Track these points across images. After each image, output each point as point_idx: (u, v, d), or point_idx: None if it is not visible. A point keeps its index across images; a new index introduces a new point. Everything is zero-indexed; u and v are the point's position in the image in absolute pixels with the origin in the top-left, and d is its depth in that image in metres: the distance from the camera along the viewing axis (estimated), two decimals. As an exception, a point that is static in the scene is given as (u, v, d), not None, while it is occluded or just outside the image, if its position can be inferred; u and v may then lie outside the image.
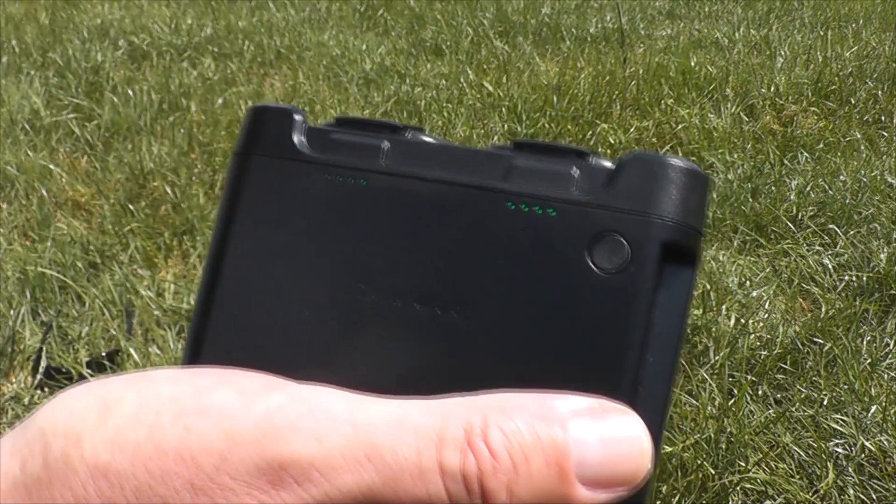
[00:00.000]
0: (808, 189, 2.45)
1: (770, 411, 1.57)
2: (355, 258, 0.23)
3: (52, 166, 2.69)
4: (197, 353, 0.24)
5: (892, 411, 1.54)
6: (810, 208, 2.34)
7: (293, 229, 0.24)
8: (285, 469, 0.19)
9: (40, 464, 0.20)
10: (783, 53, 3.90)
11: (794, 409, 1.56)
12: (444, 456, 0.19)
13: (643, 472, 0.20)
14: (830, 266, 2.07)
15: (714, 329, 1.79)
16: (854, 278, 2.01)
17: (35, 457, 0.20)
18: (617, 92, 3.26)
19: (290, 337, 0.23)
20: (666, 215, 0.22)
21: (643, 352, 0.21)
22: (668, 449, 1.39)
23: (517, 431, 0.19)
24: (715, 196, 2.43)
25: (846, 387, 1.61)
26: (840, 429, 1.50)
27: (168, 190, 2.50)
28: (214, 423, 0.19)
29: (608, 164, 0.22)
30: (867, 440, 1.46)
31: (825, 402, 1.57)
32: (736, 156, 2.76)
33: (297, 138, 0.24)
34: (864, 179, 2.48)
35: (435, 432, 0.19)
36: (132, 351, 1.77)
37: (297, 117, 0.25)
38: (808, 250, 2.15)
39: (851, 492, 1.37)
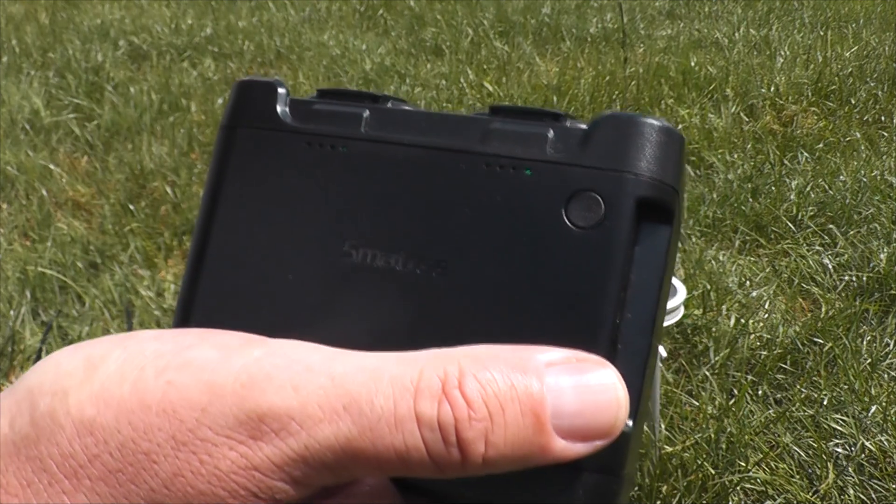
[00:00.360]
0: (808, 189, 2.45)
1: (770, 411, 1.57)
2: (338, 223, 0.24)
3: (52, 166, 2.69)
4: (186, 319, 0.25)
5: (892, 411, 1.54)
6: (810, 208, 2.34)
7: (278, 197, 0.24)
8: (264, 421, 0.19)
9: (28, 421, 0.20)
10: (783, 53, 3.90)
11: (794, 409, 1.56)
12: (421, 405, 0.19)
13: (619, 423, 0.20)
14: (830, 266, 2.07)
15: (714, 329, 1.79)
16: (854, 278, 2.01)
17: (23, 414, 0.20)
18: (617, 92, 3.26)
19: (275, 300, 0.24)
20: (640, 172, 0.22)
21: (621, 308, 0.21)
22: (669, 449, 1.39)
23: (493, 381, 0.19)
24: (715, 196, 2.43)
25: (846, 387, 1.61)
26: (840, 429, 1.50)
27: (168, 190, 2.50)
28: (195, 376, 0.20)
29: (583, 125, 0.23)
30: (867, 440, 1.46)
31: (825, 402, 1.57)
32: (736, 156, 2.76)
33: (281, 110, 0.25)
34: (864, 179, 2.48)
35: (411, 382, 0.19)
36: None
37: (281, 90, 0.25)
38: (808, 250, 2.15)
39: (851, 492, 1.37)
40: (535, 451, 0.19)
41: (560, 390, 0.20)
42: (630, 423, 0.21)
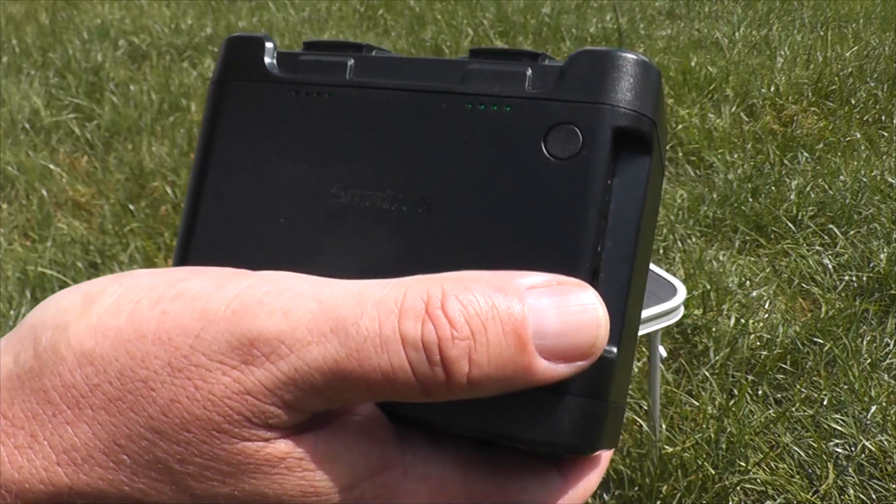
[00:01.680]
0: (808, 189, 2.45)
1: (770, 411, 1.57)
2: (326, 165, 0.24)
3: (52, 166, 2.69)
4: (183, 261, 0.26)
5: (892, 411, 1.54)
6: (810, 208, 2.34)
7: (268, 144, 0.25)
8: (255, 345, 0.19)
9: (31, 355, 0.21)
10: (783, 53, 3.90)
11: (794, 409, 1.56)
12: (405, 326, 0.19)
13: (600, 342, 0.20)
14: (830, 266, 2.07)
15: (714, 329, 1.79)
16: (854, 278, 2.01)
17: (26, 349, 0.21)
18: (617, 92, 3.26)
19: (268, 240, 0.25)
20: (616, 103, 0.22)
21: (602, 236, 0.22)
22: (669, 449, 1.39)
23: (475, 301, 0.19)
24: (715, 196, 2.43)
25: (846, 387, 1.61)
26: (840, 429, 1.50)
27: (168, 190, 2.50)
28: (188, 305, 0.20)
29: (560, 63, 0.23)
30: (867, 440, 1.46)
31: (825, 402, 1.57)
32: (736, 156, 2.76)
33: (269, 62, 0.26)
34: (864, 179, 2.48)
35: (395, 304, 0.19)
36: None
37: (268, 44, 0.26)
38: (808, 250, 2.15)
39: (851, 492, 1.37)
40: (518, 372, 0.20)
41: (541, 311, 0.20)
42: (614, 349, 0.21)
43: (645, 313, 1.12)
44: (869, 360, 1.69)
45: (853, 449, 1.46)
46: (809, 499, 1.36)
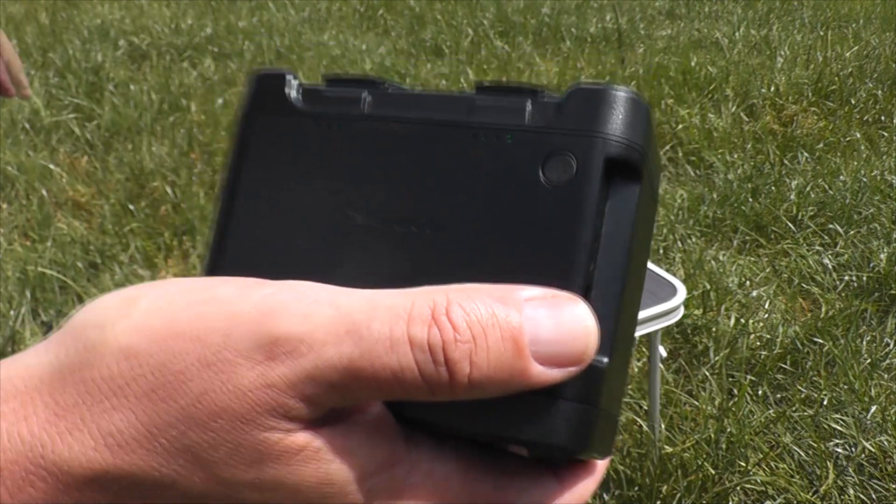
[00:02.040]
0: (808, 189, 2.45)
1: (770, 411, 1.57)
2: (343, 190, 0.27)
3: (52, 166, 2.69)
4: (213, 272, 0.28)
5: (892, 411, 1.54)
6: (810, 208, 2.34)
7: (291, 172, 0.28)
8: (278, 344, 0.22)
9: (75, 351, 0.23)
10: (783, 53, 3.90)
11: (794, 409, 1.56)
12: (413, 329, 0.21)
13: (590, 350, 0.22)
14: (830, 266, 2.07)
15: (714, 329, 1.79)
16: (854, 278, 2.01)
17: (71, 346, 0.23)
18: (617, 92, 3.26)
19: (290, 256, 0.27)
20: (608, 134, 0.24)
21: (594, 255, 0.24)
22: (669, 449, 1.39)
23: (476, 309, 0.22)
24: (715, 196, 2.43)
25: (846, 387, 1.61)
26: (840, 429, 1.50)
27: (168, 190, 2.50)
28: (219, 307, 0.23)
29: (558, 97, 0.25)
30: (867, 440, 1.46)
31: (825, 402, 1.57)
32: (736, 156, 2.76)
33: (292, 96, 0.28)
34: (864, 179, 2.48)
35: (405, 310, 0.22)
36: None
37: (292, 79, 0.29)
38: (808, 250, 2.15)
39: (851, 492, 1.37)
40: (514, 374, 0.22)
41: (537, 321, 0.22)
42: (605, 359, 0.23)
43: (645, 313, 1.12)
44: (869, 360, 1.69)
45: (853, 449, 1.46)
46: (809, 499, 1.36)
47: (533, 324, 0.22)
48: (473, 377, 0.21)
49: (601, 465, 0.27)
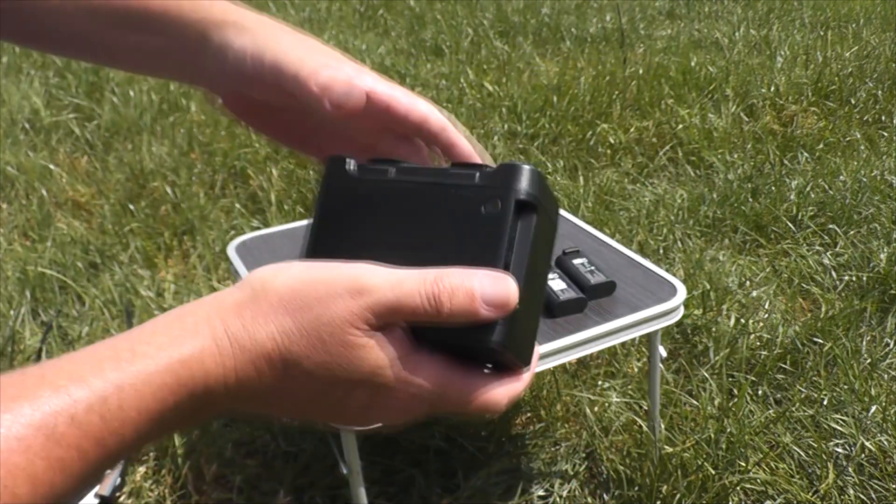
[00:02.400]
0: (808, 189, 2.45)
1: (770, 411, 1.57)
2: (378, 218, 0.48)
3: (52, 166, 2.69)
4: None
5: (892, 411, 1.54)
6: (810, 208, 2.34)
7: (349, 219, 0.49)
8: (359, 290, 0.41)
9: (249, 293, 0.42)
10: (783, 53, 3.90)
11: (794, 409, 1.56)
12: (423, 288, 0.42)
13: (512, 301, 0.42)
14: (830, 266, 2.07)
15: (714, 329, 1.79)
16: (854, 278, 2.01)
17: (244, 290, 0.42)
18: (617, 92, 3.26)
19: (352, 255, 0.46)
20: (517, 188, 0.44)
21: (510, 251, 0.44)
22: (669, 449, 1.39)
23: (453, 279, 0.42)
24: (715, 196, 2.43)
25: (846, 387, 1.61)
26: (840, 429, 1.50)
27: (168, 190, 2.50)
28: (329, 271, 0.43)
29: (495, 167, 0.46)
30: (867, 440, 1.46)
31: (825, 402, 1.57)
32: (736, 156, 2.76)
33: (351, 171, 0.50)
34: (864, 179, 2.48)
35: (421, 278, 0.42)
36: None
37: (351, 161, 0.50)
38: (808, 250, 2.15)
39: (851, 492, 1.37)
40: (472, 313, 0.42)
41: (483, 285, 0.42)
42: (518, 306, 0.43)
43: (645, 313, 1.12)
44: (869, 360, 1.69)
45: (853, 449, 1.46)
46: (809, 499, 1.36)
47: (481, 287, 0.42)
48: (451, 313, 0.42)
49: (527, 375, 0.47)
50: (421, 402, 0.44)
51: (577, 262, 1.19)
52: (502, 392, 0.46)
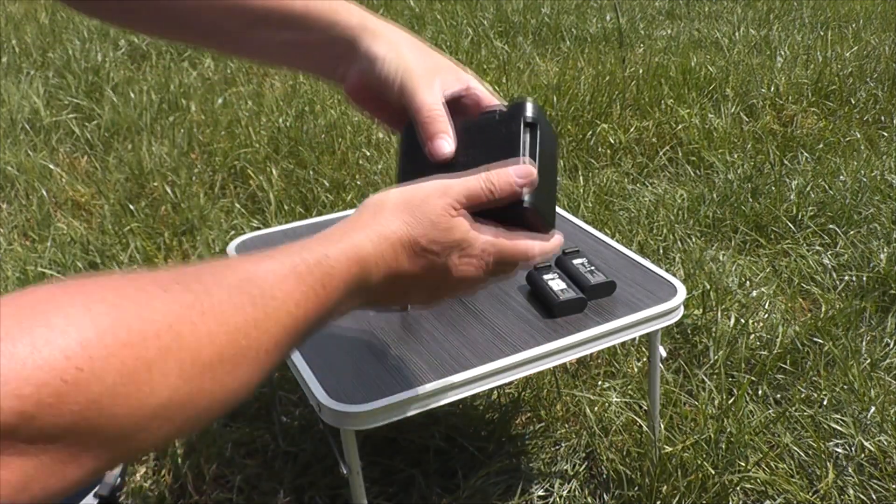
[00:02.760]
0: (808, 189, 2.45)
1: (770, 411, 1.57)
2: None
3: (52, 166, 2.69)
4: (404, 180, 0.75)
5: (891, 411, 1.54)
6: (810, 208, 2.34)
7: (421, 156, 0.76)
8: (445, 189, 0.69)
9: (372, 209, 0.67)
10: (783, 53, 3.90)
11: (793, 409, 1.56)
12: (481, 183, 0.69)
13: (533, 174, 0.71)
14: (830, 266, 2.07)
15: (714, 329, 1.79)
16: (854, 278, 2.01)
17: (368, 209, 0.67)
18: (617, 92, 3.26)
19: (433, 172, 0.74)
20: (524, 114, 0.73)
21: (525, 148, 0.72)
22: (669, 449, 1.39)
23: (496, 172, 0.70)
24: (715, 196, 2.43)
25: (846, 387, 1.61)
26: (840, 429, 1.50)
27: (168, 190, 2.50)
28: (425, 184, 0.69)
29: (508, 105, 0.75)
30: (867, 440, 1.46)
31: (825, 402, 1.57)
32: (736, 156, 2.76)
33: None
34: (864, 179, 2.48)
35: (478, 177, 0.69)
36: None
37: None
38: (808, 250, 2.15)
39: (851, 492, 1.37)
40: (510, 185, 0.70)
41: (514, 169, 0.70)
42: (539, 180, 0.71)
43: (645, 313, 1.12)
44: (869, 360, 1.69)
45: (853, 449, 1.46)
46: (809, 499, 1.36)
47: (514, 170, 0.70)
48: (500, 190, 0.69)
49: (554, 238, 0.75)
50: (487, 256, 0.69)
51: (576, 262, 1.19)
52: (536, 243, 0.72)
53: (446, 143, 0.73)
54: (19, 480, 0.38)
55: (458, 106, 0.77)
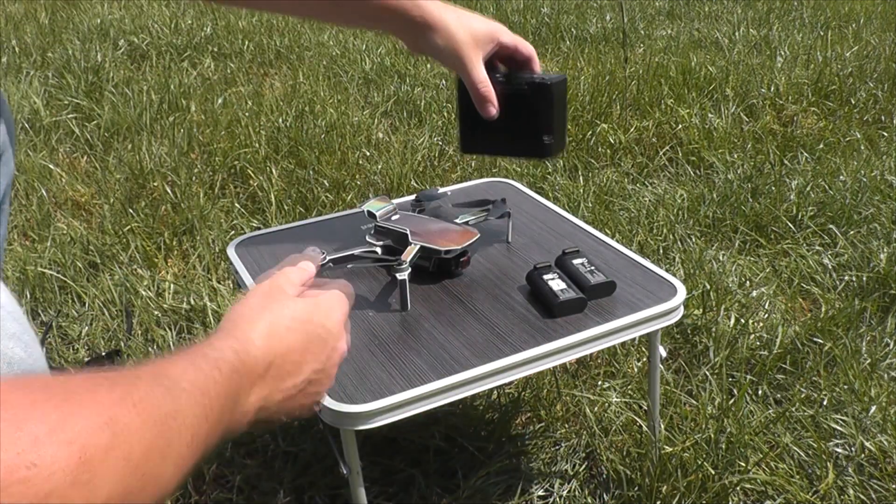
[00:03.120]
0: (808, 189, 2.45)
1: (770, 411, 1.57)
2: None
3: (52, 166, 2.69)
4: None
5: (891, 411, 1.54)
6: (810, 208, 2.34)
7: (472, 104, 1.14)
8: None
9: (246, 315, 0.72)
10: (783, 53, 3.90)
11: (794, 409, 1.56)
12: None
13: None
14: (830, 266, 2.07)
15: (714, 329, 1.79)
16: (854, 278, 2.01)
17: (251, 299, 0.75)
18: (617, 92, 3.26)
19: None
20: (550, 79, 1.12)
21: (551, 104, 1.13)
22: (668, 449, 1.39)
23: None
24: (715, 196, 2.43)
25: (846, 387, 1.61)
26: (840, 429, 1.50)
27: (168, 190, 2.50)
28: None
29: (541, 76, 1.14)
30: (867, 440, 1.46)
31: (825, 403, 1.57)
32: (736, 156, 2.76)
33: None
34: (864, 179, 2.48)
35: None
36: (132, 351, 1.77)
37: None
38: (808, 250, 2.15)
39: (851, 492, 1.37)
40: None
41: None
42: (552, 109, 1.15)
43: (645, 313, 1.12)
44: (869, 360, 1.69)
45: (853, 449, 1.46)
46: (809, 499, 1.36)
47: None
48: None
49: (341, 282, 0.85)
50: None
51: (576, 262, 1.19)
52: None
53: (493, 108, 1.09)
54: None
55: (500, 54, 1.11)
